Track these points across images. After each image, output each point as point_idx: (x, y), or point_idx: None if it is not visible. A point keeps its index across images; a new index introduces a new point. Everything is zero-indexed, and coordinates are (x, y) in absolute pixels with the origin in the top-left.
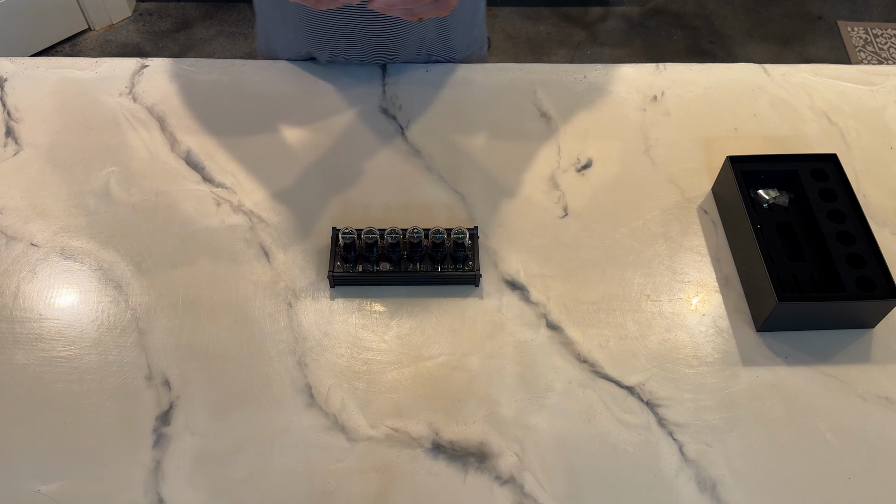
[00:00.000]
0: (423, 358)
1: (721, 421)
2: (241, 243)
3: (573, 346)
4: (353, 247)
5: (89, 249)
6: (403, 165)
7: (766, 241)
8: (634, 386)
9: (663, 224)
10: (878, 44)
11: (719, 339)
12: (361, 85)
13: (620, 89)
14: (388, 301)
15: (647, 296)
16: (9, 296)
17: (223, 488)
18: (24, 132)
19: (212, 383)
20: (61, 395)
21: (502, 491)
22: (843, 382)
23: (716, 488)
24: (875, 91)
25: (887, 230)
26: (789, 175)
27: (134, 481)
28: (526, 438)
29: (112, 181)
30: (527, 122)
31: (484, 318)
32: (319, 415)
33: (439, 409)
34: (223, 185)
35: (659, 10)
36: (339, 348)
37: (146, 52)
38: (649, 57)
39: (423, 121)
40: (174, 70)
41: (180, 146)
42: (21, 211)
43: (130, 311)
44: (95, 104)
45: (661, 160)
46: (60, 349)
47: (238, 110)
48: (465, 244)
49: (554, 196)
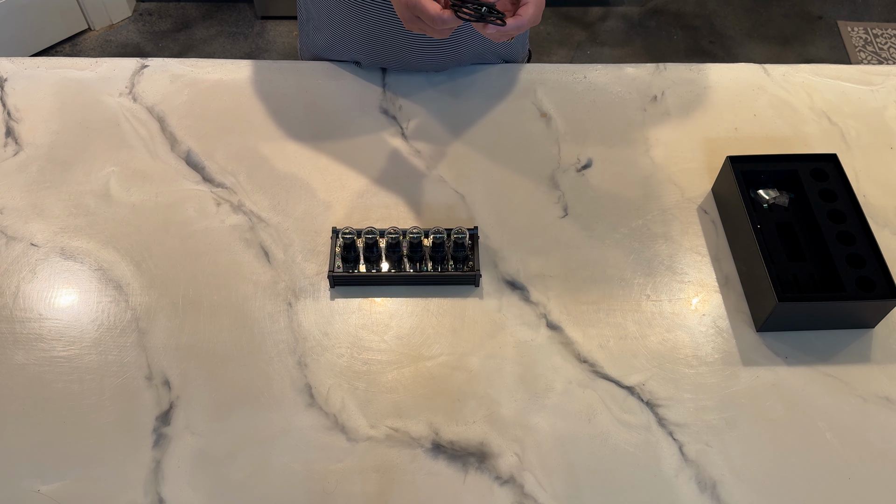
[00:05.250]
0: (423, 358)
1: (721, 421)
2: (241, 243)
3: (573, 346)
4: (353, 247)
5: (89, 249)
6: (403, 165)
7: (766, 241)
8: (634, 386)
9: (663, 224)
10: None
11: (719, 339)
12: (361, 85)
13: (620, 89)
14: (388, 301)
15: (647, 296)
16: (9, 296)
17: (223, 488)
18: (24, 132)
19: (212, 383)
20: (61, 395)
21: (502, 491)
22: (843, 382)
23: (716, 488)
24: (875, 91)
25: (887, 230)
26: (789, 175)
27: (134, 481)
28: (526, 438)
29: (112, 181)
30: (527, 122)
31: (484, 318)
32: (319, 415)
33: (439, 409)
34: (223, 185)
35: (659, 10)
36: (339, 348)
37: (146, 52)
38: (649, 57)
39: (423, 121)
40: (174, 70)
41: (180, 146)
42: (21, 211)
43: (130, 311)
44: (95, 104)
45: (661, 160)
46: (60, 349)
47: (238, 110)
48: (465, 244)
49: (554, 196)
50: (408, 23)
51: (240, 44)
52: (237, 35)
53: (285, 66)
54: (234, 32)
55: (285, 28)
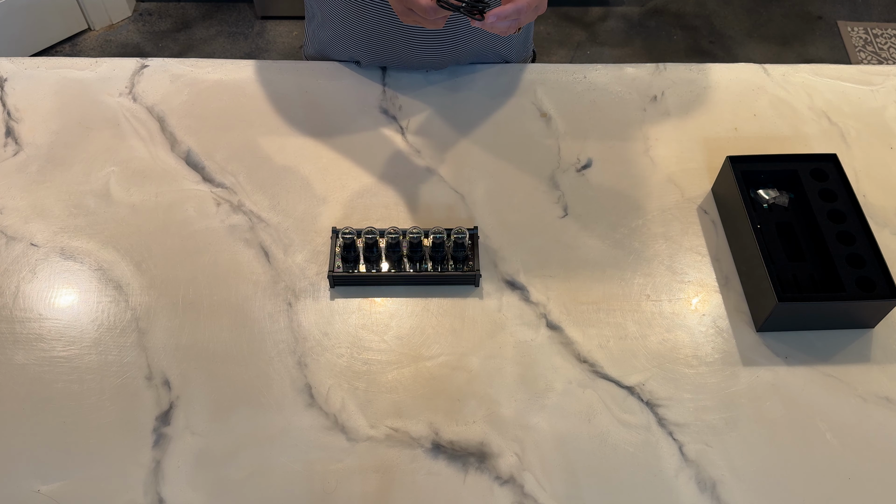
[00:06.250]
0: (423, 358)
1: (721, 421)
2: (241, 243)
3: (573, 346)
4: (353, 247)
5: (89, 249)
6: (403, 165)
7: (766, 241)
8: (634, 386)
9: (663, 224)
10: (878, 44)
11: (719, 339)
12: (361, 85)
13: (620, 89)
14: (388, 301)
15: (647, 296)
16: (9, 296)
17: (223, 488)
18: (24, 132)
19: (212, 383)
20: (61, 395)
21: (502, 491)
22: (843, 382)
23: (716, 488)
24: (875, 91)
25: (887, 230)
26: (789, 175)
27: (134, 481)
28: (526, 438)
29: (112, 181)
30: (527, 122)
31: (484, 318)
32: (319, 415)
33: (439, 409)
34: (223, 185)
35: (659, 10)
36: (339, 348)
37: (146, 52)
38: (649, 57)
39: (423, 121)
40: (174, 70)
41: (180, 146)
42: (21, 211)
43: (130, 311)
44: (95, 104)
45: (661, 160)
46: (60, 349)
47: (238, 110)
48: (465, 244)
49: (554, 196)
50: (402, 15)
51: (240, 44)
52: (237, 35)
53: (285, 66)
54: (234, 32)
55: (285, 28)
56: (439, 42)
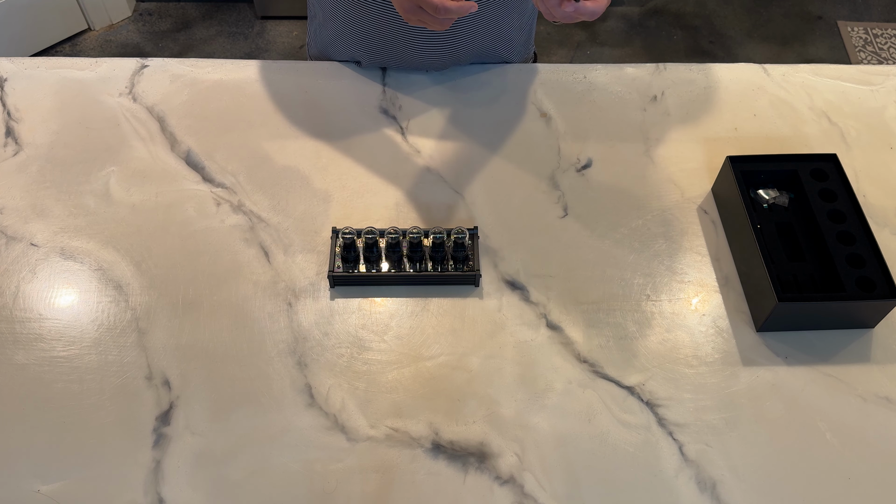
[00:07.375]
0: (423, 358)
1: (721, 421)
2: (241, 243)
3: (573, 346)
4: (353, 247)
5: (89, 249)
6: (403, 165)
7: (766, 241)
8: (634, 386)
9: (663, 224)
10: (878, 44)
11: (719, 339)
12: (361, 85)
13: (620, 89)
14: (388, 301)
15: (647, 296)
16: (9, 296)
17: (223, 488)
18: (24, 132)
19: (212, 383)
20: (61, 395)
21: (502, 491)
22: (843, 382)
23: (716, 488)
24: (875, 91)
25: (887, 230)
26: (789, 175)
27: (134, 481)
28: (526, 438)
29: (112, 181)
30: (527, 122)
31: (484, 318)
32: (319, 415)
33: (439, 409)
34: (223, 185)
35: (659, 10)
36: (339, 348)
37: (146, 52)
38: (649, 57)
39: (423, 121)
40: (174, 70)
41: (180, 146)
42: (21, 211)
43: (130, 311)
44: (95, 104)
45: (661, 160)
46: (60, 349)
47: (238, 110)
48: (465, 244)
49: (554, 196)
50: (407, 13)
51: (240, 44)
52: (237, 35)
53: (285, 66)
54: (234, 32)
55: (285, 28)
56: (440, 42)
